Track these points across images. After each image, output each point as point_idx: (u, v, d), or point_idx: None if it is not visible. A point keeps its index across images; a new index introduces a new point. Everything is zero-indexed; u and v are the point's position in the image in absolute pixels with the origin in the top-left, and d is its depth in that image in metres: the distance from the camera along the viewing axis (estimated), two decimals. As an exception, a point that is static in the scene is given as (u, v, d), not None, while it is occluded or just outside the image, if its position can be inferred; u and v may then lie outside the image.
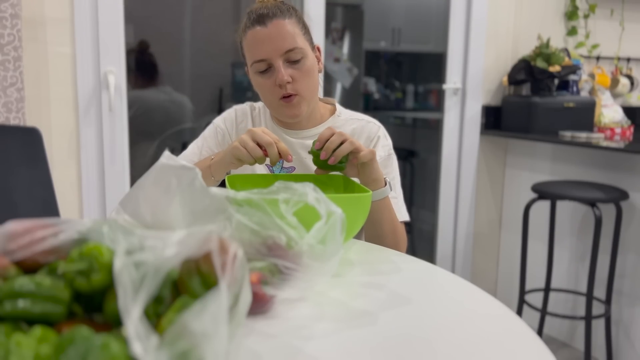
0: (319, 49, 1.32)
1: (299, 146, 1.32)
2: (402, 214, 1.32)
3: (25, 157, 1.51)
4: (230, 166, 1.16)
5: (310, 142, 1.32)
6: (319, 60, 1.30)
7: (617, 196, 2.20)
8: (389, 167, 1.32)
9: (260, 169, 1.32)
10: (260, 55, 1.21)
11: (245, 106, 1.41)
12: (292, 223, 0.72)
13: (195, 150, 1.36)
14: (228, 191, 0.76)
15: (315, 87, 1.28)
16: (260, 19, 1.20)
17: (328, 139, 1.08)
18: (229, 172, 1.41)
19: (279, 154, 1.08)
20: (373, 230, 1.21)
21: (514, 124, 2.79)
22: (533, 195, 2.58)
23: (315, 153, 1.10)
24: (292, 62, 1.22)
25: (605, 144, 2.31)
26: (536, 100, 2.68)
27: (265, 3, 1.23)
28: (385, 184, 1.17)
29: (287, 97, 1.23)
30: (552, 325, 2.72)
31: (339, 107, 1.39)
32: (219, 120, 1.39)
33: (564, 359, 2.52)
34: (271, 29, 1.19)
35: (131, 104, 2.34)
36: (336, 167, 1.10)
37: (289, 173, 1.32)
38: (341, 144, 1.07)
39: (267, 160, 1.13)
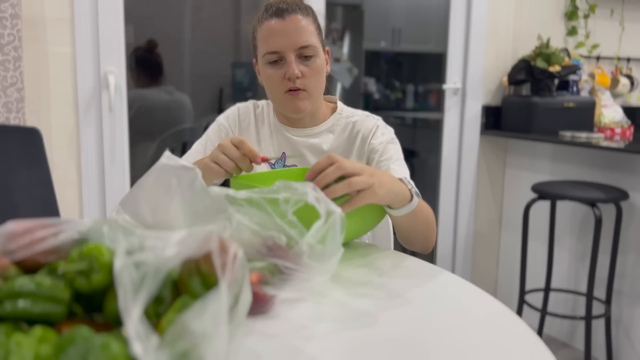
0: (328, 52, 1.33)
1: (302, 144, 1.33)
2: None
3: (25, 157, 1.51)
4: (210, 181, 1.16)
5: (313, 141, 1.33)
6: (327, 62, 1.31)
7: (617, 196, 2.20)
8: (392, 151, 1.29)
9: (262, 168, 1.32)
10: (274, 47, 1.22)
11: (249, 104, 1.41)
12: (292, 222, 0.72)
13: (200, 149, 1.37)
14: (228, 190, 0.76)
15: (322, 87, 1.29)
16: (279, 12, 1.22)
17: (322, 170, 0.93)
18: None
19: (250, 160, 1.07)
20: (405, 236, 1.14)
21: (514, 124, 2.79)
22: (533, 195, 2.58)
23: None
24: (304, 59, 1.23)
25: (605, 144, 2.31)
26: (536, 100, 2.68)
27: None
28: (412, 198, 1.03)
29: (293, 90, 1.23)
30: (552, 325, 2.72)
31: (340, 104, 1.39)
32: (222, 118, 1.40)
33: (564, 359, 2.52)
34: (289, 23, 1.21)
35: (133, 102, 2.34)
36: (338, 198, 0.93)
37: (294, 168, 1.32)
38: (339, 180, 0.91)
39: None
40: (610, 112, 2.86)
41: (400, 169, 1.23)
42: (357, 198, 0.91)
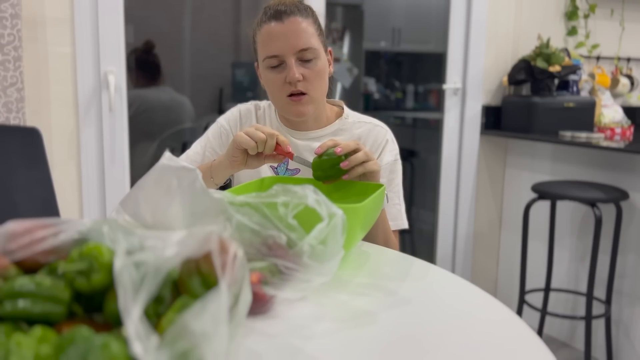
0: (331, 52, 1.30)
1: (305, 148, 1.31)
2: (403, 222, 1.32)
3: (25, 157, 1.51)
4: (230, 165, 1.14)
5: (316, 144, 1.31)
6: (330, 63, 1.29)
7: (617, 196, 2.20)
8: (394, 173, 1.31)
9: (266, 172, 1.31)
10: (273, 51, 1.20)
11: (250, 105, 1.38)
12: (292, 226, 0.72)
13: (199, 150, 1.35)
14: (226, 194, 0.76)
15: (325, 89, 1.27)
16: (278, 14, 1.19)
17: (334, 146, 1.06)
18: (230, 182, 1.39)
19: (278, 147, 1.10)
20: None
21: (514, 124, 2.79)
22: (533, 195, 2.58)
23: (317, 163, 1.07)
24: (305, 62, 1.21)
25: (605, 144, 2.31)
26: (536, 100, 2.68)
27: (284, 0, 1.22)
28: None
29: (295, 95, 1.22)
30: (552, 325, 2.72)
31: (346, 109, 1.37)
32: (222, 120, 1.37)
33: (564, 359, 2.53)
34: (287, 26, 1.18)
35: (132, 103, 2.35)
36: (333, 176, 1.08)
37: (294, 175, 1.30)
38: (355, 152, 1.06)
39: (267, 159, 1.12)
40: (610, 112, 2.86)
41: (393, 195, 1.31)
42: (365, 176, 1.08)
